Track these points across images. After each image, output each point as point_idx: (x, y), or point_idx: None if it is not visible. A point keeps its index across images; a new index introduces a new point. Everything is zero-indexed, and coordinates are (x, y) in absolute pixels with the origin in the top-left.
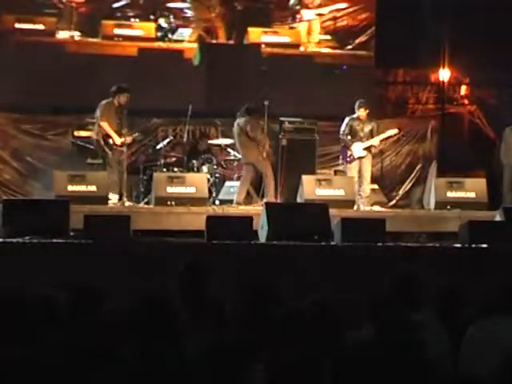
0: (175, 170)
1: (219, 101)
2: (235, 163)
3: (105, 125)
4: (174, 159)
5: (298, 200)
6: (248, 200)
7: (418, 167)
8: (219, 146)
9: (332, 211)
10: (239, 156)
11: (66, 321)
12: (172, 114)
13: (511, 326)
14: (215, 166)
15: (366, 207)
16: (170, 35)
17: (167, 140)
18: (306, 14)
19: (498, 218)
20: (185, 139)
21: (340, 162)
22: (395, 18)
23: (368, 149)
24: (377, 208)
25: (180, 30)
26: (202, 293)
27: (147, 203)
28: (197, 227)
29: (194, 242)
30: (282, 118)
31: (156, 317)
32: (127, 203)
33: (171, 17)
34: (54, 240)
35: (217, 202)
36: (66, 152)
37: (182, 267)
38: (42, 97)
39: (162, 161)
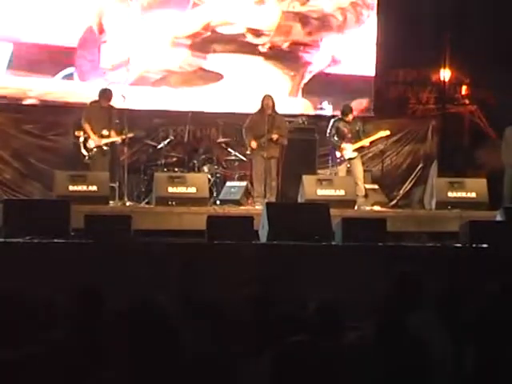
0: (176, 169)
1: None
2: (236, 163)
3: (86, 126)
4: (174, 159)
5: (299, 200)
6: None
7: (418, 167)
8: (226, 144)
9: (333, 211)
10: (240, 156)
11: (66, 321)
12: (173, 114)
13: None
14: (216, 166)
15: (365, 207)
16: None
17: (168, 140)
18: None
19: (498, 218)
20: (185, 139)
21: (330, 164)
22: (396, 18)
23: (358, 150)
24: (377, 208)
25: None
26: (202, 292)
27: (148, 203)
28: (197, 227)
29: (194, 242)
30: None
31: (155, 317)
32: (128, 203)
33: None
34: (55, 240)
35: (217, 202)
36: (67, 152)
37: (181, 267)
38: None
39: (163, 161)
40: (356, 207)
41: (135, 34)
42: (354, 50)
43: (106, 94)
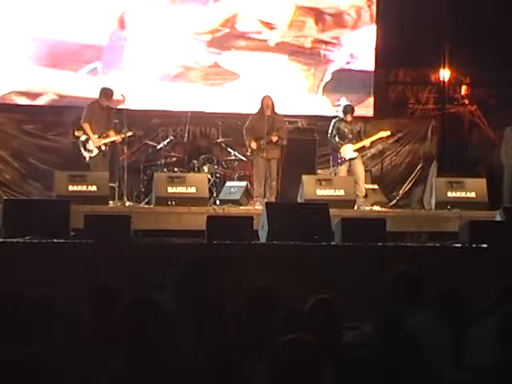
0: (176, 170)
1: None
2: (236, 163)
3: (85, 126)
4: (174, 159)
5: (299, 200)
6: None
7: (418, 167)
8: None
9: (332, 211)
10: (240, 156)
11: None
12: (172, 114)
13: None
14: (216, 166)
15: (365, 207)
16: None
17: (167, 140)
18: None
19: (498, 218)
20: (185, 139)
21: (331, 164)
22: (396, 18)
23: (358, 150)
24: (377, 208)
25: None
26: (201, 293)
27: (148, 203)
28: (197, 227)
29: (194, 242)
30: None
31: (155, 317)
32: (128, 203)
33: None
34: (55, 240)
35: (217, 202)
36: (67, 152)
37: (181, 267)
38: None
39: (163, 161)
40: (355, 207)
41: (156, 30)
42: (369, 46)
43: (106, 92)
